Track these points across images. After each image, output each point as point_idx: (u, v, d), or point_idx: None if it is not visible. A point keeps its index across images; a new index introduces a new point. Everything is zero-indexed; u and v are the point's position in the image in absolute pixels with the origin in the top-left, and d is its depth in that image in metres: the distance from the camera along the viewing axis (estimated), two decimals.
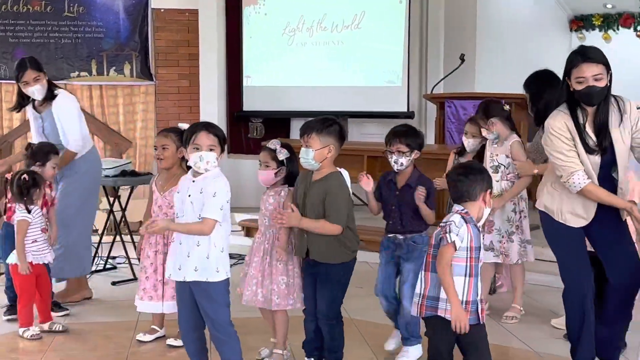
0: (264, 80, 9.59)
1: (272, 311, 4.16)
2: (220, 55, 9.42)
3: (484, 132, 5.08)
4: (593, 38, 11.17)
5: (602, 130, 3.70)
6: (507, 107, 5.11)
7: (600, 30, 11.17)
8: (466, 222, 3.27)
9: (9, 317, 5.11)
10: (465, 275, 3.27)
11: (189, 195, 3.52)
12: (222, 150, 3.58)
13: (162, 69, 9.44)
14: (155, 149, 4.56)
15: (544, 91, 4.79)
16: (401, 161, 4.11)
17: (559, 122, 3.74)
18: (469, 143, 5.20)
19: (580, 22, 11.37)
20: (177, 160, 4.56)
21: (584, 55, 3.67)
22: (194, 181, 3.54)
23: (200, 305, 3.56)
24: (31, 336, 4.72)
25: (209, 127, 3.55)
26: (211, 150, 3.50)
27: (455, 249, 3.23)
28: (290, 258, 4.06)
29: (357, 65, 9.28)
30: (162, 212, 4.52)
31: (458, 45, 9.21)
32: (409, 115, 8.93)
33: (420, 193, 4.10)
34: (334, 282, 3.89)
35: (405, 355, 4.22)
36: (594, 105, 3.71)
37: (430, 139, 8.20)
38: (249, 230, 7.85)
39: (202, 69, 9.36)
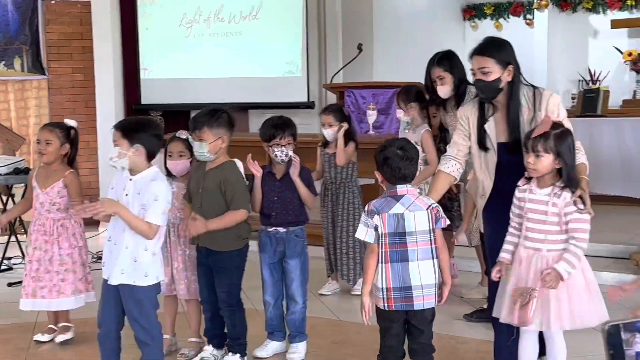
0: (163, 73, 9.44)
1: (176, 301, 4.25)
2: (115, 47, 9.19)
3: (399, 114, 5.15)
4: (485, 27, 11.49)
5: (514, 128, 3.52)
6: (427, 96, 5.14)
7: (492, 19, 11.50)
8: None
9: None
10: (380, 262, 3.26)
11: (126, 195, 3.42)
12: (136, 143, 3.40)
13: (55, 63, 9.14)
14: (38, 142, 4.44)
15: (459, 70, 4.85)
16: (290, 153, 4.12)
17: (461, 112, 3.73)
18: (328, 133, 5.17)
19: (473, 11, 11.67)
20: (60, 156, 4.48)
21: (476, 47, 3.59)
22: (131, 179, 3.45)
23: (126, 307, 3.48)
24: None
25: (117, 123, 3.49)
26: (116, 145, 3.42)
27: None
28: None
29: (256, 56, 9.25)
30: (45, 208, 4.45)
31: (356, 35, 9.32)
32: (309, 105, 8.98)
33: (293, 170, 4.09)
34: (231, 269, 3.95)
35: (296, 351, 4.22)
36: (488, 100, 3.60)
37: None
38: None
39: (97, 62, 9.11)
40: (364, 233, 3.25)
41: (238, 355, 4.04)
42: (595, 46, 10.36)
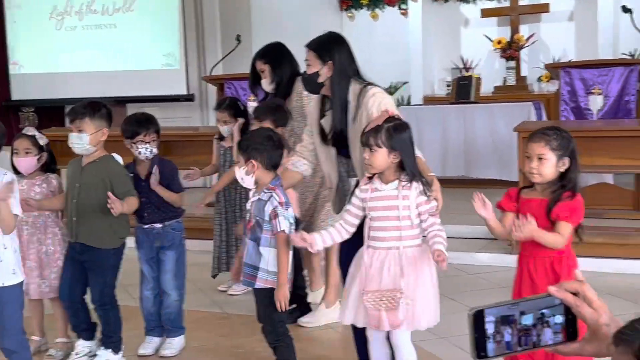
0: (34, 67, 9.10)
1: (41, 301, 4.15)
2: None
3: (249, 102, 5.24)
4: (362, 17, 11.66)
5: (335, 124, 3.50)
6: None
7: (368, 9, 11.68)
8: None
9: None
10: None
11: None
12: None
13: None
14: None
15: (283, 63, 4.76)
16: (154, 150, 4.03)
17: (310, 107, 3.75)
18: (224, 130, 5.12)
19: (349, 2, 11.81)
20: None
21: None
22: None
23: None
24: None
25: None
26: None
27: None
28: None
29: (133, 49, 9.06)
30: None
31: (234, 26, 9.27)
32: (189, 97, 8.88)
33: (153, 180, 4.00)
34: (107, 268, 3.90)
35: (170, 347, 4.18)
36: (311, 92, 3.66)
37: (212, 120, 8.19)
38: None
39: None
40: (288, 226, 3.34)
41: (110, 350, 3.99)
42: (467, 35, 10.69)
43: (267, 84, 4.79)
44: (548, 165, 3.02)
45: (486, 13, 10.11)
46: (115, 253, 3.92)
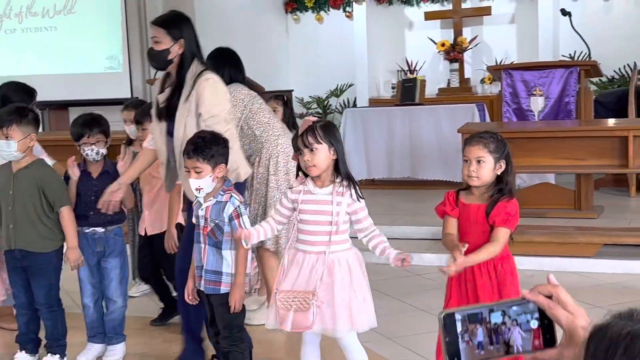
0: None
1: None
2: None
3: None
4: (307, 19, 11.68)
5: (168, 98, 3.64)
6: None
7: (313, 12, 11.70)
8: None
9: None
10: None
11: None
12: None
13: None
14: None
15: (225, 67, 4.58)
16: (102, 151, 3.93)
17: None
18: (131, 130, 4.81)
19: (295, 4, 11.82)
20: None
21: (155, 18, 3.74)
22: None
23: None
24: None
25: None
26: None
27: None
28: None
29: (74, 51, 8.92)
30: None
31: None
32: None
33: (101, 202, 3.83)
34: (50, 270, 3.88)
35: (113, 354, 4.12)
36: (158, 69, 3.79)
37: None
38: None
39: None
40: (250, 225, 3.35)
41: (58, 356, 3.95)
42: (411, 37, 10.79)
43: None
44: (486, 168, 3.06)
45: (429, 16, 10.22)
46: (57, 254, 3.90)
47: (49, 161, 4.00)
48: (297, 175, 3.30)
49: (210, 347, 3.79)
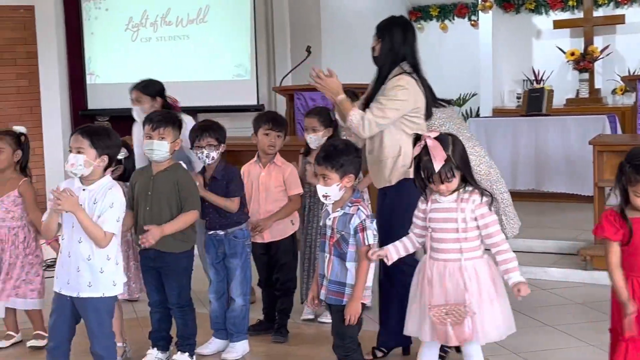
0: (109, 78, 9.32)
1: (120, 305, 4.19)
2: (60, 52, 9.07)
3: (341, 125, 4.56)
4: (431, 28, 11.63)
5: (371, 92, 3.98)
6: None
7: (437, 21, 11.64)
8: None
9: None
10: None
11: (81, 205, 3.30)
12: (103, 152, 3.35)
13: None
14: None
15: None
16: (212, 155, 4.10)
17: None
18: (312, 139, 4.63)
19: (419, 13, 11.79)
20: (13, 163, 4.46)
21: None
22: (84, 189, 3.36)
23: (86, 320, 3.41)
24: None
25: (82, 129, 3.41)
26: (79, 152, 3.34)
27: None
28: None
29: (205, 59, 9.21)
30: None
31: (304, 37, 9.33)
32: (259, 108, 8.97)
33: (197, 184, 4.03)
34: (180, 271, 3.97)
35: (232, 351, 4.23)
36: (376, 65, 4.03)
37: None
38: None
39: (42, 67, 8.97)
40: (374, 239, 3.36)
41: (187, 354, 4.05)
42: (539, 46, 10.55)
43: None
44: None
45: (559, 24, 9.96)
46: (187, 256, 4.00)
47: None
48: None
49: None
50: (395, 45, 3.92)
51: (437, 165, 3.11)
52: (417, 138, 3.23)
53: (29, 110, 9.06)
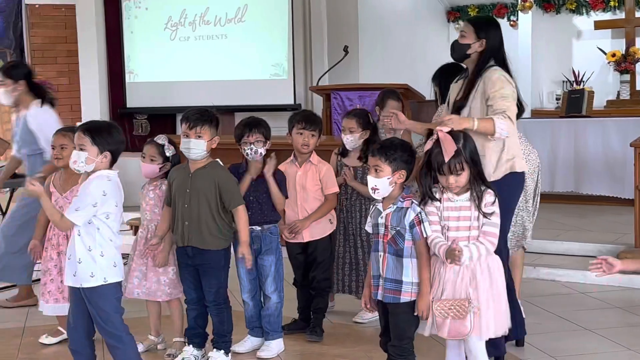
0: (148, 76, 9.42)
1: (158, 302, 4.28)
2: (100, 51, 9.19)
3: (382, 123, 4.62)
4: None
5: (462, 94, 3.86)
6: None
7: None
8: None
9: None
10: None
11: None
12: (105, 149, 3.43)
13: (40, 67, 9.09)
14: (53, 148, 4.46)
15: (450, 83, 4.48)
16: (260, 151, 4.12)
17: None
18: (348, 139, 4.62)
19: (457, 13, 11.72)
20: None
21: None
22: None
23: (91, 311, 3.44)
24: None
25: (84, 126, 3.48)
26: (81, 149, 3.42)
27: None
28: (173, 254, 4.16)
29: (242, 58, 9.25)
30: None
31: (341, 37, 9.33)
32: (296, 107, 8.98)
33: (267, 169, 4.12)
34: (218, 269, 3.99)
35: (267, 349, 4.23)
36: (456, 59, 3.96)
37: None
38: (137, 228, 7.67)
39: (82, 65, 9.10)
40: (431, 232, 3.33)
41: (223, 351, 4.07)
42: (579, 47, 10.43)
43: None
44: None
45: (600, 25, 9.83)
46: (225, 253, 4.02)
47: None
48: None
49: None
50: (496, 46, 3.85)
51: (447, 156, 3.21)
52: (430, 133, 3.35)
53: (68, 107, 9.20)
